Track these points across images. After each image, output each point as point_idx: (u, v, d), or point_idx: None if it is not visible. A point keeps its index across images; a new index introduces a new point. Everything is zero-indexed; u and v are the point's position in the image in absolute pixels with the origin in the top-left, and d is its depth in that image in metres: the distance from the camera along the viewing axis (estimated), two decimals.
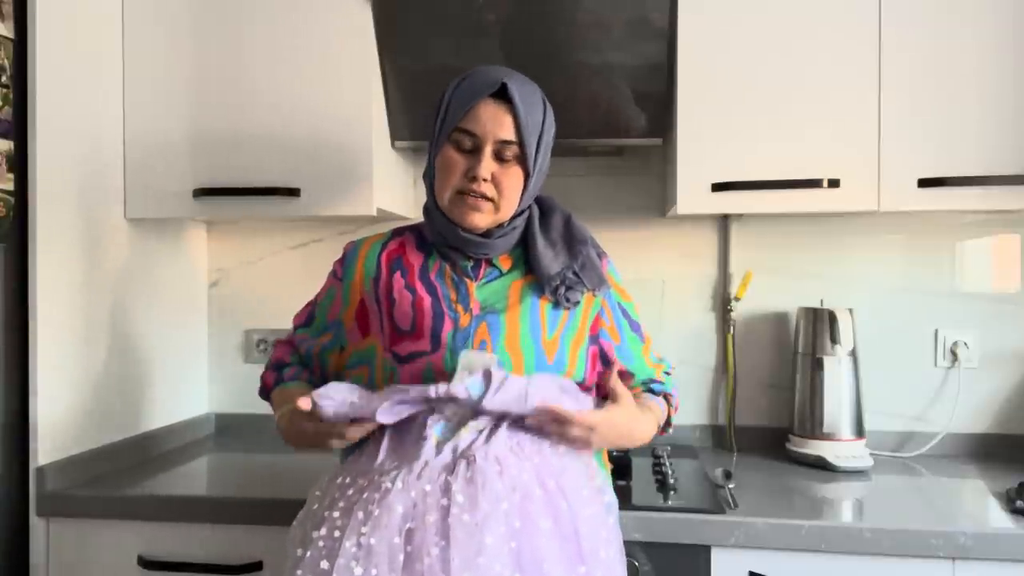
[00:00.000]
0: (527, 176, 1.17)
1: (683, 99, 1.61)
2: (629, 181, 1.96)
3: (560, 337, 1.18)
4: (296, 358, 1.32)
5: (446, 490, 1.00)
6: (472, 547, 0.95)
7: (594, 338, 1.24)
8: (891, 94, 1.56)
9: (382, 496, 1.00)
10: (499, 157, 1.14)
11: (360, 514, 1.00)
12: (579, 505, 1.06)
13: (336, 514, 1.02)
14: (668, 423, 1.30)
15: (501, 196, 1.15)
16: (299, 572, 0.99)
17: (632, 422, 1.16)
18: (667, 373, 1.34)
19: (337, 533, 1.00)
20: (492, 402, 1.04)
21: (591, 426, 1.08)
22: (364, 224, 2.02)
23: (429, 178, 1.23)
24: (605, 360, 1.25)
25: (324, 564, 0.97)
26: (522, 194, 1.18)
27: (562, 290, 1.18)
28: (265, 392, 1.33)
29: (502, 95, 1.13)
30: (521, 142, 1.14)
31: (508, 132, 1.13)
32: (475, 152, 1.14)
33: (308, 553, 1.00)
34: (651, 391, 1.28)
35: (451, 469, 1.03)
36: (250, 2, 1.69)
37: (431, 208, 1.23)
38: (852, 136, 1.57)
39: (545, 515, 1.02)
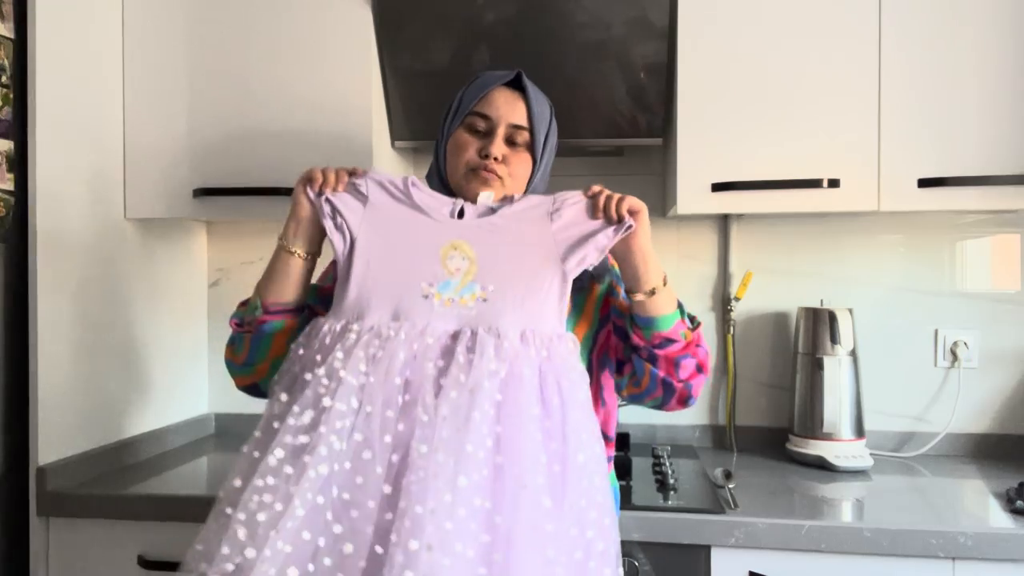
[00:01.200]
0: (534, 165, 1.19)
1: (683, 99, 1.61)
2: (629, 181, 1.95)
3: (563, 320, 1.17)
4: None
5: (446, 353, 1.00)
6: (462, 411, 0.94)
7: (606, 318, 1.22)
8: (891, 94, 1.56)
9: (383, 342, 1.00)
10: (510, 142, 1.17)
11: (361, 354, 0.99)
12: (574, 410, 1.02)
13: (339, 354, 1.00)
14: (695, 322, 1.17)
15: (511, 177, 1.17)
16: (296, 408, 0.96)
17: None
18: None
19: (339, 370, 0.98)
20: (511, 211, 1.09)
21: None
22: None
23: (437, 174, 1.23)
24: (623, 335, 1.20)
25: (326, 401, 0.96)
26: (528, 184, 1.20)
27: None
28: (239, 325, 1.21)
29: (515, 86, 1.18)
30: (532, 130, 1.17)
31: (521, 118, 1.17)
32: (488, 135, 1.17)
33: (306, 392, 0.98)
34: None
35: (453, 334, 1.02)
36: (250, 3, 1.69)
37: None
38: (852, 136, 1.57)
39: (535, 403, 0.99)
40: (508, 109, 1.16)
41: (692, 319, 1.18)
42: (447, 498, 0.89)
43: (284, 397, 1.01)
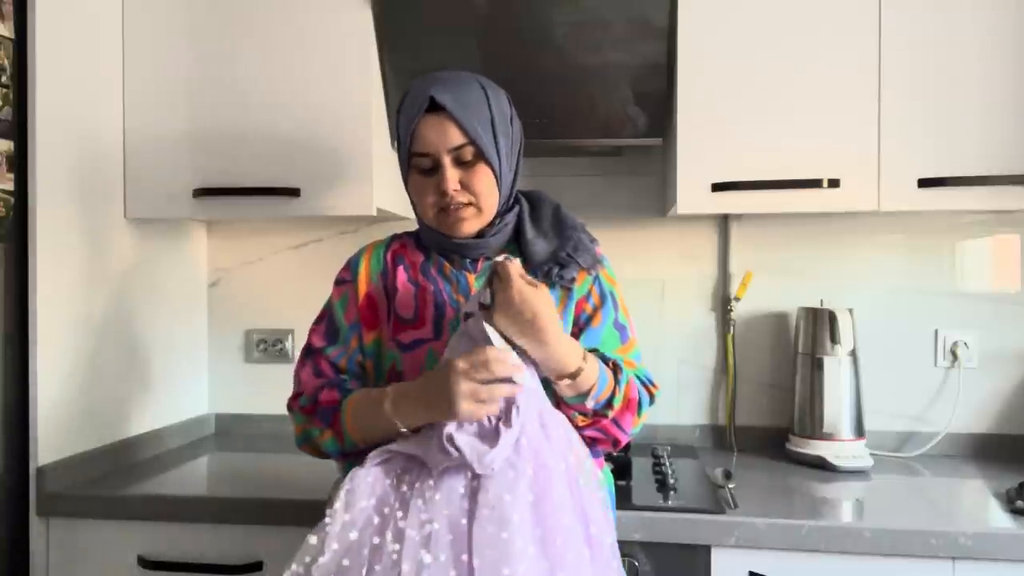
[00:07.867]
0: (495, 170, 1.15)
1: (683, 99, 1.61)
2: (629, 181, 1.96)
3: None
4: (341, 376, 1.24)
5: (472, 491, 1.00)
6: (495, 520, 0.96)
7: (576, 319, 1.21)
8: (891, 94, 1.57)
9: (436, 482, 1.01)
10: (459, 163, 1.14)
11: (419, 502, 1.00)
12: (590, 488, 1.05)
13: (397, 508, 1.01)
14: (610, 404, 1.13)
15: (478, 198, 1.15)
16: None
17: (545, 309, 1.06)
18: (641, 380, 1.20)
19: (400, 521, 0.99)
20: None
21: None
22: (364, 224, 2.02)
23: (411, 193, 1.23)
24: None
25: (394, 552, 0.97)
26: (500, 188, 1.17)
27: (556, 269, 1.17)
28: (330, 412, 1.17)
29: (436, 106, 1.12)
30: (472, 141, 1.13)
31: (456, 138, 1.13)
32: (436, 169, 1.15)
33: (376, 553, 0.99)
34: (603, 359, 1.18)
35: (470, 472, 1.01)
36: (250, 2, 1.69)
37: (421, 221, 1.24)
38: (852, 136, 1.57)
39: (562, 487, 1.01)
40: (439, 138, 1.12)
41: (610, 401, 1.12)
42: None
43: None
